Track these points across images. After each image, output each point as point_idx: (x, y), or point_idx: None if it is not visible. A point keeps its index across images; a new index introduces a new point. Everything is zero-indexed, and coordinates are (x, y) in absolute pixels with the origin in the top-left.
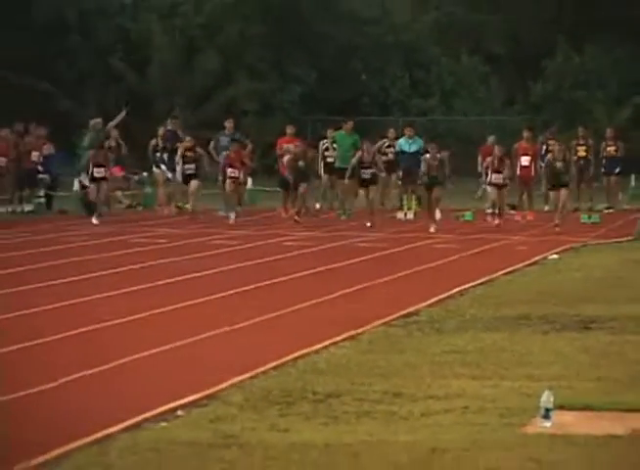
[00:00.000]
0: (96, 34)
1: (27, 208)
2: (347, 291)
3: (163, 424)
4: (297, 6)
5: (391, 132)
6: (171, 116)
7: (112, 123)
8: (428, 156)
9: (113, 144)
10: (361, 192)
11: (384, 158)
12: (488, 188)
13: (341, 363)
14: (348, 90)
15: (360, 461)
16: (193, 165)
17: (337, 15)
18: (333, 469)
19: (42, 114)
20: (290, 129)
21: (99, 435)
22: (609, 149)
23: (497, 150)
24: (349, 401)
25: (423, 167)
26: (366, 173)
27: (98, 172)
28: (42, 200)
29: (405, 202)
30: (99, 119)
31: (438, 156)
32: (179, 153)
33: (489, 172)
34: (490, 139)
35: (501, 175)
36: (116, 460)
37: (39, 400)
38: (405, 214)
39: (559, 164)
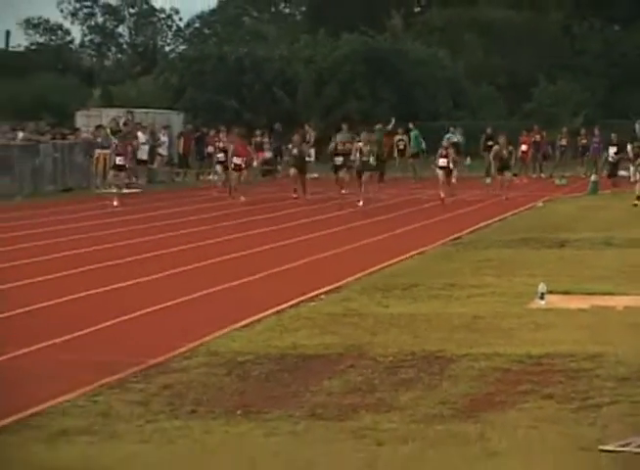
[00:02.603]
0: (264, 73)
1: (208, 178)
2: (417, 225)
3: (313, 303)
4: (384, 55)
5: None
6: (308, 124)
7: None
8: (360, 144)
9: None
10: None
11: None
12: (437, 170)
13: (416, 268)
14: (414, 106)
15: (431, 324)
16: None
17: (407, 59)
18: (414, 327)
19: (233, 122)
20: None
21: (277, 308)
22: (582, 141)
23: (445, 141)
24: (423, 289)
25: (355, 154)
26: (338, 160)
27: (119, 160)
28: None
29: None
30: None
31: (368, 146)
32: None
33: (437, 157)
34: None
35: (446, 160)
36: (288, 323)
37: (245, 288)
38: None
39: (504, 153)
